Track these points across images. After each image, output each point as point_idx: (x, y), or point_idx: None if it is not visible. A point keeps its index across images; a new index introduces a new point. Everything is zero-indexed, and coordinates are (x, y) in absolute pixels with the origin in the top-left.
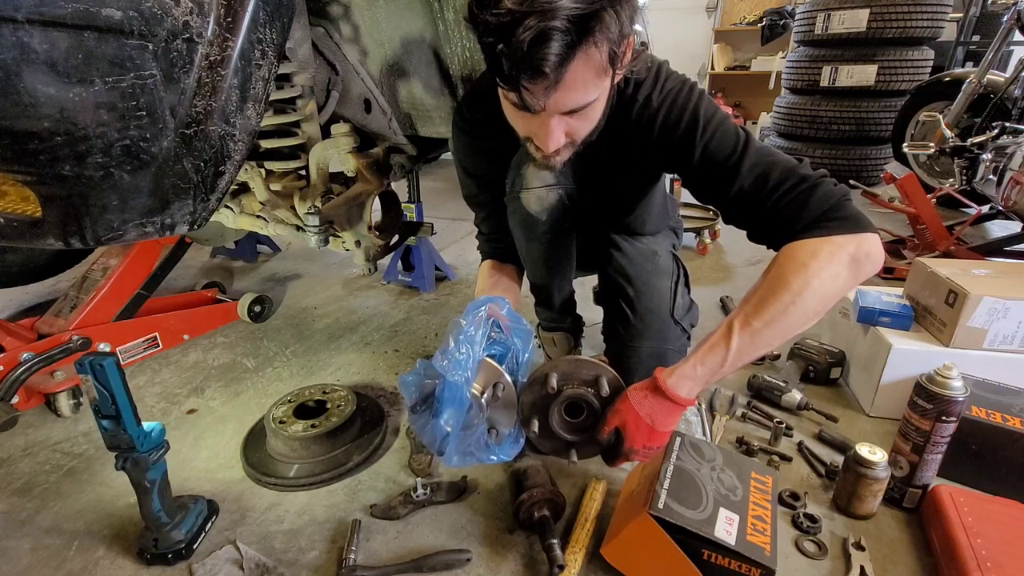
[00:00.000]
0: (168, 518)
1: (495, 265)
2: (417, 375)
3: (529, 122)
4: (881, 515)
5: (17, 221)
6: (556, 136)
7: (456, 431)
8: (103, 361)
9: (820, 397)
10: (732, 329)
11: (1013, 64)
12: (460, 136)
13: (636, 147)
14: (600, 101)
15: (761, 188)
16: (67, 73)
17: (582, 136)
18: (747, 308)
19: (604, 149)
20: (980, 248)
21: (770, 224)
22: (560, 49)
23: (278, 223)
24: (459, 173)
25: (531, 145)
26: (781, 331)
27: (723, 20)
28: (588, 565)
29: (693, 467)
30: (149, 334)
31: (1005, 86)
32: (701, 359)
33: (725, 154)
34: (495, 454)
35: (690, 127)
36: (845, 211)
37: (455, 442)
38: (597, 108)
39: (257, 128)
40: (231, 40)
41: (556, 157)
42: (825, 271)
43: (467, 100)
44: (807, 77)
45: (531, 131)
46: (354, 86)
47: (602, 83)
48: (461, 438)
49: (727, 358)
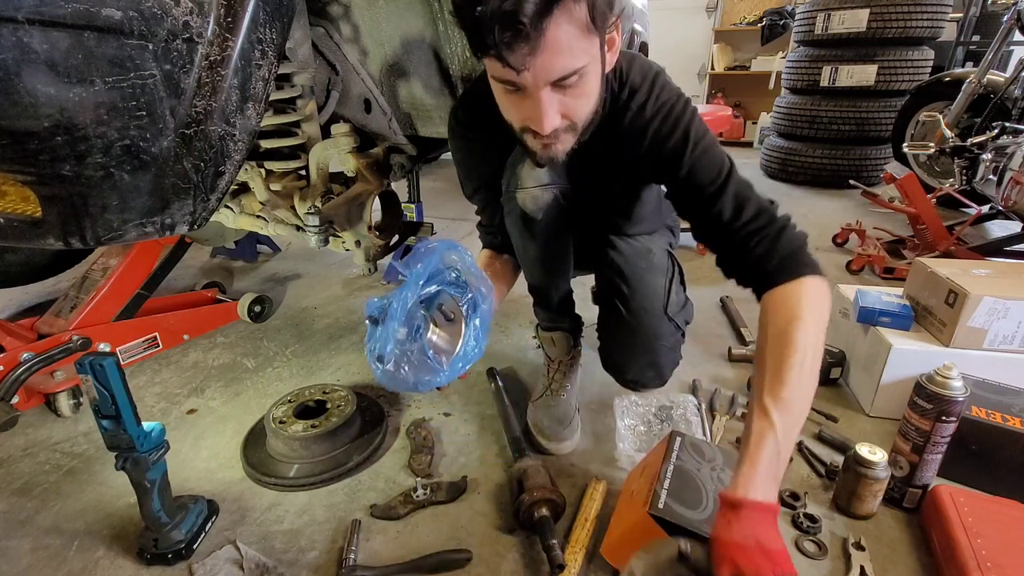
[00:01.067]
0: (168, 518)
1: (492, 255)
2: (383, 299)
3: (522, 105)
4: (881, 515)
5: (17, 221)
6: (551, 113)
7: (393, 329)
8: (103, 361)
9: (820, 397)
10: (767, 411)
11: (1013, 64)
12: (455, 139)
13: (628, 153)
14: (591, 75)
15: (736, 218)
16: (67, 73)
17: (579, 117)
18: (767, 383)
19: (598, 150)
20: (980, 248)
21: (740, 256)
22: (536, 2)
23: (278, 223)
24: (458, 172)
25: (529, 137)
26: (807, 391)
27: (723, 20)
28: (588, 565)
29: (693, 467)
30: (149, 334)
31: (1005, 86)
32: (752, 456)
33: (710, 177)
34: (430, 375)
35: (680, 143)
36: (808, 256)
37: (392, 341)
38: (589, 82)
39: (257, 128)
40: (231, 40)
41: (557, 145)
42: (817, 314)
43: (463, 101)
44: (807, 77)
45: (526, 116)
46: (354, 86)
47: (589, 46)
48: (400, 344)
49: (778, 439)
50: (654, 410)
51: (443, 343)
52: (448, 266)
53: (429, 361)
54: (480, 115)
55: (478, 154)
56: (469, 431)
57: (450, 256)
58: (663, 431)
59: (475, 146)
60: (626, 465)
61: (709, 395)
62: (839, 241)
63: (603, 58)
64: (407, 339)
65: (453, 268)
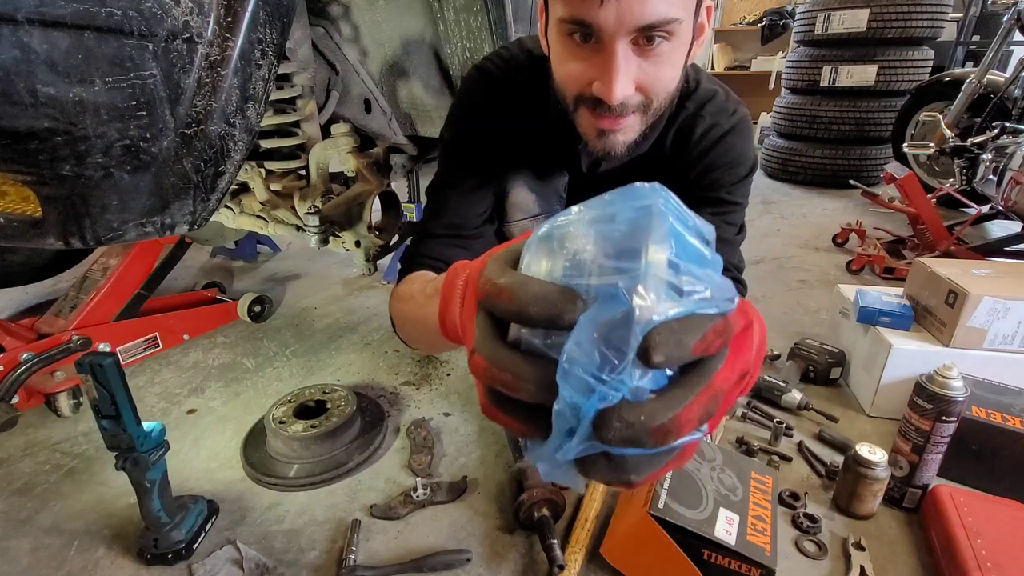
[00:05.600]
0: (168, 518)
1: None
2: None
3: (591, 61)
4: (881, 515)
5: (17, 221)
6: (625, 74)
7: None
8: (103, 361)
9: (820, 397)
10: None
11: (1013, 64)
12: (466, 122)
13: (680, 168)
14: (680, 42)
15: (727, 257)
16: (67, 73)
17: (656, 94)
18: None
19: (640, 164)
20: (980, 248)
21: None
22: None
23: (278, 223)
24: (447, 168)
25: (586, 115)
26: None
27: (723, 20)
28: (588, 565)
29: (693, 467)
30: (149, 334)
31: (1005, 86)
32: None
33: (740, 220)
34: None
35: (741, 171)
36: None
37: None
38: (677, 50)
39: (257, 128)
40: (231, 40)
41: (618, 133)
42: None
43: (477, 79)
44: (807, 77)
45: (592, 76)
46: (354, 86)
47: (687, 1)
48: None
49: None
50: None
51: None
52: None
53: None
54: (500, 96)
55: (490, 143)
56: (469, 431)
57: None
58: None
59: (488, 136)
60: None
61: None
62: (839, 241)
63: (695, 30)
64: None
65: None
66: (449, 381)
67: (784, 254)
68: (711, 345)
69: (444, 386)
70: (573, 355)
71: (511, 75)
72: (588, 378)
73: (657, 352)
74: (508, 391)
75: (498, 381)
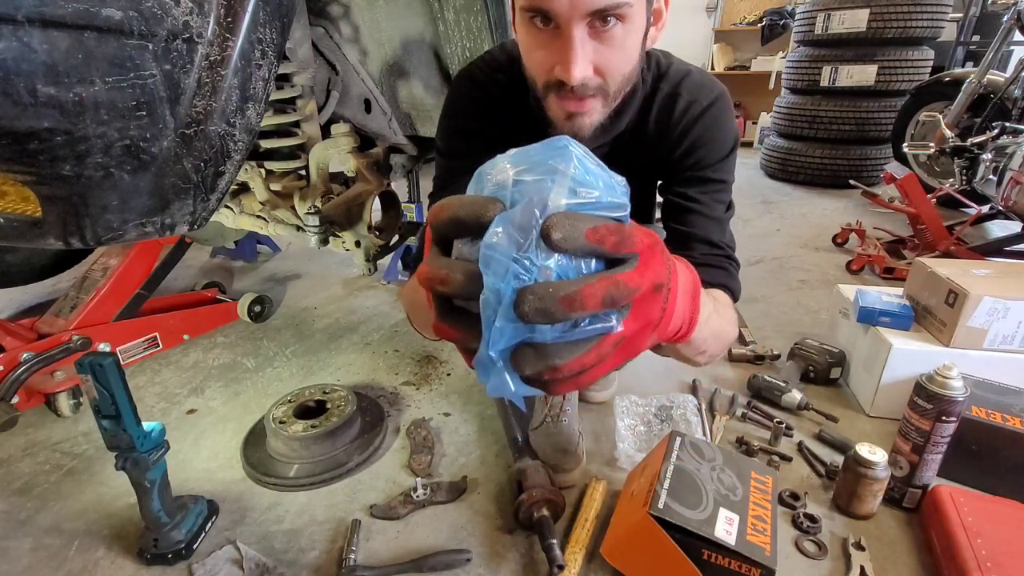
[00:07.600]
0: (168, 518)
1: None
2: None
3: (551, 47)
4: (881, 515)
5: (17, 221)
6: (581, 56)
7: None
8: (103, 361)
9: (820, 397)
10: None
11: (1013, 64)
12: (463, 97)
13: (662, 150)
14: (635, 25)
15: (718, 235)
16: (67, 73)
17: (613, 75)
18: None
19: (624, 150)
20: (980, 248)
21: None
22: None
23: (278, 223)
24: (448, 142)
25: (553, 101)
26: (729, 326)
27: (723, 20)
28: (588, 565)
29: (693, 467)
30: (149, 334)
31: (1005, 86)
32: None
33: (724, 198)
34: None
35: (724, 149)
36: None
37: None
38: (631, 34)
39: (257, 128)
40: (231, 40)
41: (583, 115)
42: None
43: (481, 59)
44: (807, 77)
45: (553, 60)
46: (354, 86)
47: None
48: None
49: (713, 297)
50: (654, 410)
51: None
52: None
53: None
54: (497, 81)
55: (478, 144)
56: (469, 431)
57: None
58: (663, 431)
59: (476, 138)
60: (626, 465)
61: (709, 395)
62: (839, 241)
63: (648, 13)
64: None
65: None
66: (449, 381)
67: (784, 254)
68: (604, 239)
69: (444, 386)
70: (490, 240)
71: (493, 77)
72: (502, 258)
73: (555, 230)
74: (443, 288)
75: (436, 280)
